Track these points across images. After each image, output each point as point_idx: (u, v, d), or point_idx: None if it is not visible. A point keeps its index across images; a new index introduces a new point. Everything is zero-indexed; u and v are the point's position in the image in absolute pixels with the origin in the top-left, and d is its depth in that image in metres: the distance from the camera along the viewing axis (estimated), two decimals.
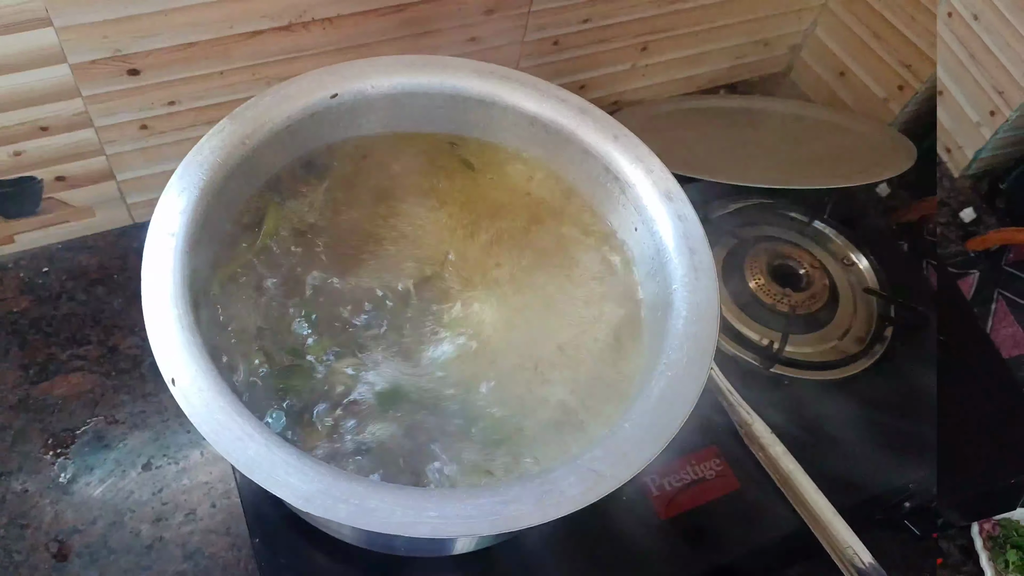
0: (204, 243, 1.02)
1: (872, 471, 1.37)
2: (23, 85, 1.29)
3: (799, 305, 1.51)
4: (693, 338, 1.00)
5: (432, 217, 1.20)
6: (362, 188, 1.21)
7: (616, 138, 1.17)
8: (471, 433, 1.02)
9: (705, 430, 1.36)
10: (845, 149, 1.78)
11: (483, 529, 0.84)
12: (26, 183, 1.43)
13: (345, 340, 1.07)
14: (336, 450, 0.99)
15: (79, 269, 1.54)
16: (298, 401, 1.01)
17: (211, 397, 0.87)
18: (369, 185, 1.21)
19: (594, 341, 1.12)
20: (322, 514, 0.82)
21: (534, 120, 1.21)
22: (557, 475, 0.87)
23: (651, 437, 0.91)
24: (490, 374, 1.07)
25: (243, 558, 1.28)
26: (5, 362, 1.42)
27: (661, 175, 1.14)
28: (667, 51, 1.89)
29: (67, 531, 1.28)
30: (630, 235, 1.17)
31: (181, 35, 1.33)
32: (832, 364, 1.49)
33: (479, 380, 1.06)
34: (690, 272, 1.05)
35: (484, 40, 1.61)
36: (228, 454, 0.84)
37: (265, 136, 1.12)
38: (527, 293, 1.15)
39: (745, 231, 1.63)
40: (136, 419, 1.39)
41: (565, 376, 1.08)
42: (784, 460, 1.31)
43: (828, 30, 2.01)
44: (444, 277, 1.15)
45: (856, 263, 1.63)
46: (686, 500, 1.31)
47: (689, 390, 0.96)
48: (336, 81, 1.17)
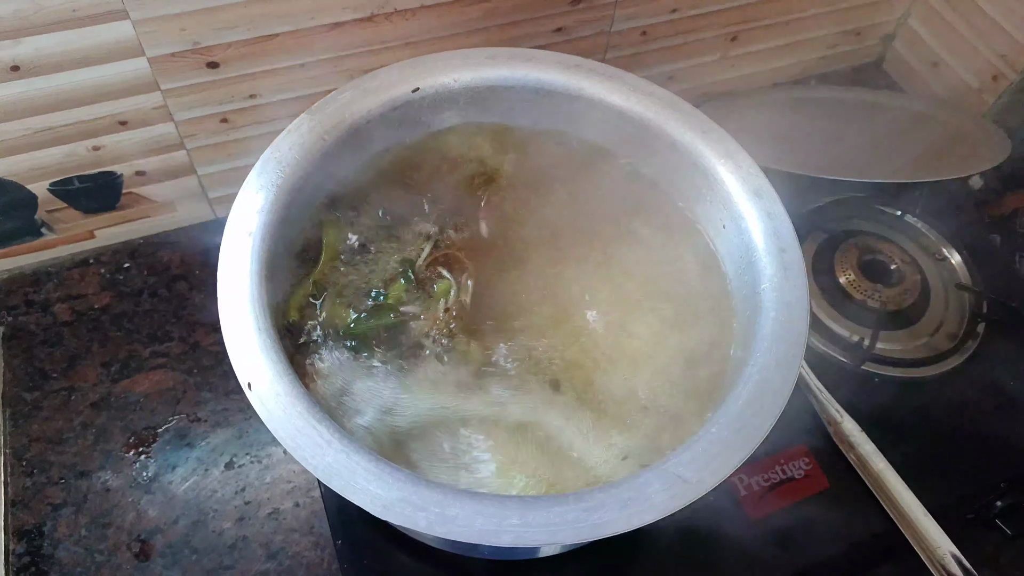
0: (283, 242, 1.01)
1: (963, 470, 1.36)
2: (100, 79, 1.28)
3: (890, 301, 1.48)
4: (782, 339, 0.98)
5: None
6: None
7: (705, 133, 1.15)
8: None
9: (794, 429, 1.35)
10: (938, 141, 1.74)
11: (566, 538, 0.82)
12: (105, 178, 1.43)
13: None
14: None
15: (160, 265, 1.54)
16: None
17: (288, 402, 0.86)
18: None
19: (683, 340, 1.10)
20: (401, 523, 0.81)
21: (622, 114, 1.19)
22: (642, 481, 0.86)
23: (739, 442, 0.89)
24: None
25: (327, 558, 1.27)
26: (86, 359, 1.42)
27: (750, 171, 1.11)
28: (757, 41, 1.85)
29: (149, 530, 1.27)
30: (718, 233, 1.15)
31: (261, 27, 1.31)
32: (923, 361, 1.46)
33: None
34: (779, 271, 1.03)
35: (570, 30, 1.58)
36: (305, 460, 0.83)
37: (344, 132, 1.11)
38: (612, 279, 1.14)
39: (835, 225, 1.60)
40: (218, 417, 1.38)
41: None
42: (874, 459, 1.30)
43: (921, 19, 1.96)
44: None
45: (948, 258, 1.60)
46: (775, 500, 1.30)
47: (778, 394, 0.93)
48: (418, 75, 1.16)
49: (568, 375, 1.05)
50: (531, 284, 1.13)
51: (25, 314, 1.46)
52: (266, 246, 0.97)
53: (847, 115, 1.85)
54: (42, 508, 1.28)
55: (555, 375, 1.05)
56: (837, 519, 1.30)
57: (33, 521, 1.27)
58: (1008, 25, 1.74)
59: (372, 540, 1.20)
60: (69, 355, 1.42)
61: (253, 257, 0.95)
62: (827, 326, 1.47)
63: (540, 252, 1.16)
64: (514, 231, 1.17)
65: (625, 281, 1.14)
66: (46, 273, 1.51)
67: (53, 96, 1.27)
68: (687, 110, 1.17)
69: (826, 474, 1.33)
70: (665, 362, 1.07)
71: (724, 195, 1.12)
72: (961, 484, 1.35)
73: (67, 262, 1.53)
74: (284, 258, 1.04)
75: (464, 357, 1.05)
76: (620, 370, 1.06)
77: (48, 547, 1.25)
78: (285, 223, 1.02)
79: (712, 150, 1.14)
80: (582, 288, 1.13)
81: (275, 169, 1.02)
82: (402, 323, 1.06)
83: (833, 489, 1.31)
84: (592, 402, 1.03)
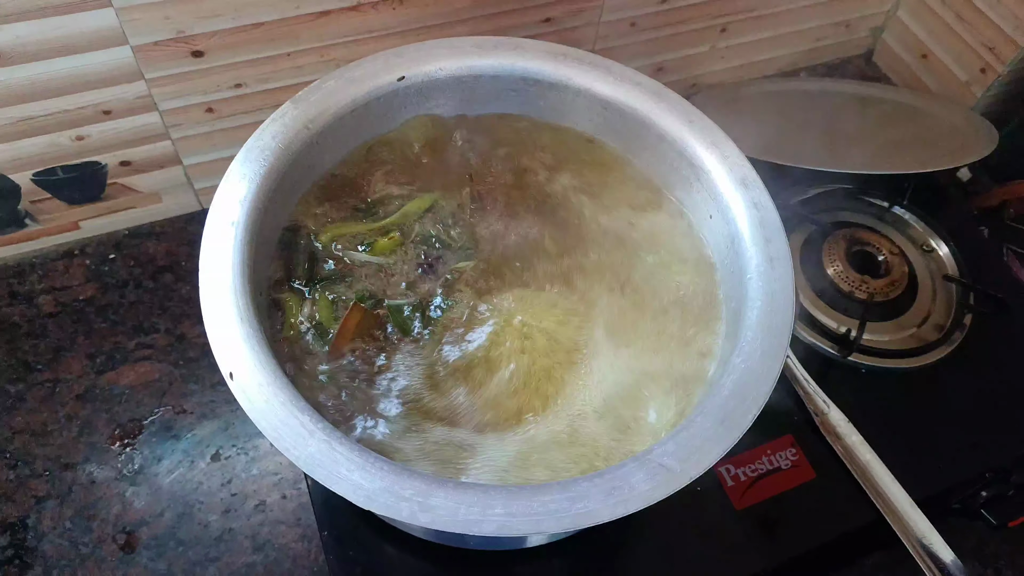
0: (266, 232, 1.01)
1: (950, 460, 1.36)
2: (83, 68, 1.28)
3: (877, 292, 1.48)
4: (768, 330, 0.97)
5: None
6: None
7: (691, 123, 1.14)
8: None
9: (780, 419, 1.35)
10: (926, 133, 1.74)
11: (551, 527, 0.82)
12: (90, 168, 1.42)
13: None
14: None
15: (146, 256, 1.53)
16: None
17: (271, 392, 0.85)
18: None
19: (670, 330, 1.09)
20: (385, 512, 0.80)
21: (607, 104, 1.18)
22: (626, 471, 0.85)
23: (723, 431, 0.89)
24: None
25: (313, 549, 1.26)
26: (71, 351, 1.41)
27: (737, 161, 1.11)
28: (747, 32, 1.85)
29: (135, 523, 1.27)
30: (704, 223, 1.15)
31: (246, 15, 1.31)
32: (910, 352, 1.46)
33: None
34: (765, 262, 1.02)
35: (559, 21, 1.58)
36: (288, 451, 0.82)
37: (329, 120, 1.10)
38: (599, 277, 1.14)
39: (823, 216, 1.60)
40: (204, 409, 1.38)
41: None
42: (861, 450, 1.30)
43: (911, 12, 1.96)
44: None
45: (936, 249, 1.60)
46: (761, 490, 1.30)
47: (762, 384, 0.93)
48: (403, 63, 1.16)
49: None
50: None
51: (9, 305, 1.45)
52: (249, 236, 0.96)
53: (836, 107, 1.85)
54: (26, 501, 1.28)
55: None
56: (823, 509, 1.30)
57: (17, 514, 1.27)
58: (996, 18, 1.75)
59: (359, 532, 1.19)
60: (54, 347, 1.42)
61: (235, 247, 0.95)
62: (814, 317, 1.47)
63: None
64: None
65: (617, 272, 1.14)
66: (30, 264, 1.51)
67: (34, 85, 1.27)
68: (673, 99, 1.17)
69: (812, 465, 1.32)
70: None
71: (710, 184, 1.11)
72: (947, 474, 1.35)
73: (51, 253, 1.52)
74: (267, 247, 1.04)
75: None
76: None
77: (32, 540, 1.25)
78: (268, 213, 1.01)
79: (697, 139, 1.13)
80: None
81: (258, 158, 1.02)
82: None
83: (819, 479, 1.31)
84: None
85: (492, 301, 1.08)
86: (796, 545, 1.27)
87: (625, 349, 1.06)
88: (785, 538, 1.27)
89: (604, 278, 1.13)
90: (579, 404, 1.02)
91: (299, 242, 1.09)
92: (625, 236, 1.17)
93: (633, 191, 1.21)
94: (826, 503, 1.30)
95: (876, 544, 1.34)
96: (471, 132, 1.24)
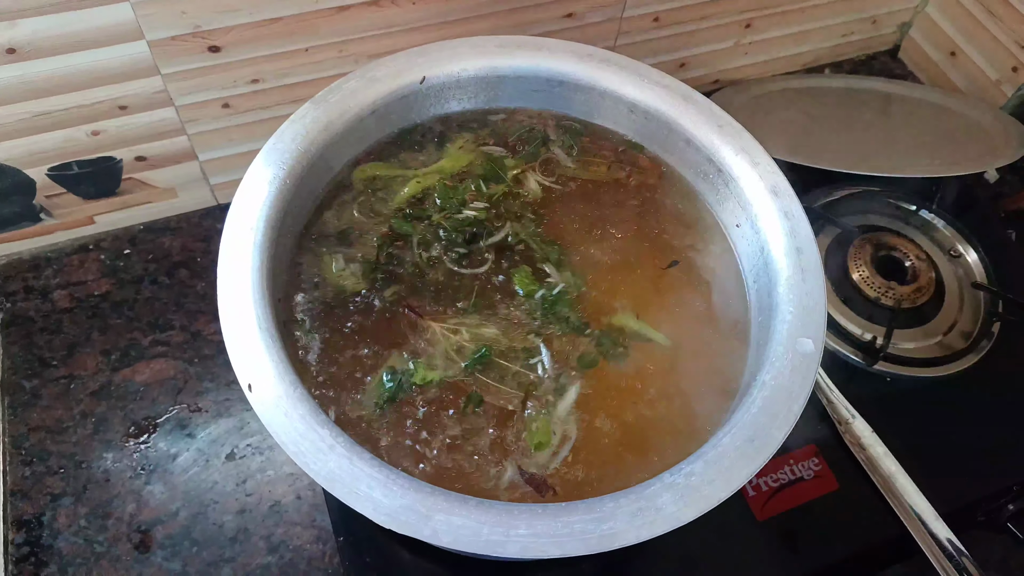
0: (285, 236, 0.99)
1: (975, 473, 1.35)
2: (99, 62, 1.27)
3: (904, 299, 1.46)
4: (798, 345, 0.95)
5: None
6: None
7: (720, 127, 1.13)
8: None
9: (804, 429, 1.32)
10: (954, 133, 1.72)
11: (574, 549, 0.81)
12: (105, 163, 1.41)
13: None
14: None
15: (161, 251, 1.52)
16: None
17: (290, 405, 0.84)
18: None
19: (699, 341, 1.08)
20: (405, 532, 0.79)
21: (634, 107, 1.17)
22: (652, 491, 0.84)
23: (752, 451, 0.88)
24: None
25: (328, 551, 1.25)
26: (86, 347, 1.40)
27: (767, 168, 1.09)
28: (772, 28, 1.84)
29: (149, 521, 1.26)
30: (733, 231, 1.13)
31: (264, 10, 1.30)
32: (937, 361, 1.44)
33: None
34: (796, 273, 1.01)
35: (581, 16, 1.56)
36: (307, 466, 0.81)
37: (349, 121, 1.09)
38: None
39: (849, 220, 1.58)
40: (220, 407, 1.37)
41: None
42: (885, 461, 1.29)
43: (939, 7, 1.94)
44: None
45: (963, 254, 1.58)
46: (783, 501, 1.29)
47: (792, 402, 0.91)
48: (425, 64, 1.15)
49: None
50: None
51: (24, 300, 1.45)
52: (269, 241, 0.95)
53: (861, 105, 1.84)
54: (41, 498, 1.27)
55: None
56: (846, 521, 1.28)
57: (32, 511, 1.26)
58: None
59: (375, 537, 1.19)
60: (69, 343, 1.41)
61: (255, 252, 0.93)
62: (839, 324, 1.45)
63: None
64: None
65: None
66: (45, 259, 1.50)
67: (51, 80, 1.26)
68: (701, 103, 1.15)
69: (836, 475, 1.31)
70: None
71: (738, 192, 1.10)
72: (972, 487, 1.33)
73: (67, 248, 1.52)
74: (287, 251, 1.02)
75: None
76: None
77: (47, 537, 1.24)
78: (288, 216, 1.00)
79: (728, 145, 1.12)
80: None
81: (278, 160, 1.01)
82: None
83: (842, 490, 1.30)
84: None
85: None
86: (818, 557, 1.26)
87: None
88: (807, 550, 1.26)
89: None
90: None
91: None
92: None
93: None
94: (849, 514, 1.29)
95: (899, 556, 1.33)
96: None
